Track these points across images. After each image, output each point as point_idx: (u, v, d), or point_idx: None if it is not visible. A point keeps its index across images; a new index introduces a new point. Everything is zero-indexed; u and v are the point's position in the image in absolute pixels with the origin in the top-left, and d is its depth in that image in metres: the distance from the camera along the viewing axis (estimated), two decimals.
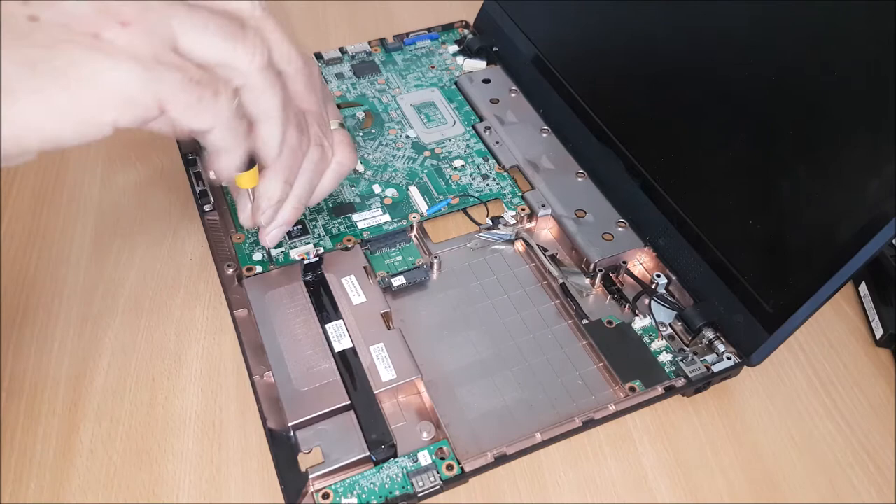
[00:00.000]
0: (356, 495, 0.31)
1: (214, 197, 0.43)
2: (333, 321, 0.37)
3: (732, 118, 0.37)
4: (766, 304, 0.35)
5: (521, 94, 0.50)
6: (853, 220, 0.32)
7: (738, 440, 0.35)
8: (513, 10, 0.52)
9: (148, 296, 0.40)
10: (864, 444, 0.35)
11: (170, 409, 0.35)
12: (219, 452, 0.34)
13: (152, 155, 0.47)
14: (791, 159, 0.35)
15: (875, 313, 0.39)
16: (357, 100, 0.50)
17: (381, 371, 0.35)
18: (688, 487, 0.33)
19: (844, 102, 0.33)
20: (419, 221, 0.42)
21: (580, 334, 0.38)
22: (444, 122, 0.49)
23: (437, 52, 0.54)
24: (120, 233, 0.43)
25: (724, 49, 0.38)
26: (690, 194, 0.39)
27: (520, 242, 0.42)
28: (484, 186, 0.45)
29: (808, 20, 0.34)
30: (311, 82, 0.33)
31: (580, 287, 0.40)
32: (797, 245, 0.34)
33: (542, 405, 0.35)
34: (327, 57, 0.53)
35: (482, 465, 0.33)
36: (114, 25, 0.25)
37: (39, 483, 0.33)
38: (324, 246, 0.41)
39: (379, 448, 0.32)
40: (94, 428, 0.35)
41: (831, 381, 0.38)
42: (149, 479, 0.33)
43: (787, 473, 0.34)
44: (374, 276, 0.40)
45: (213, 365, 0.37)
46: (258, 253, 0.40)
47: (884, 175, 0.31)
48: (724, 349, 0.36)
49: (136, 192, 0.45)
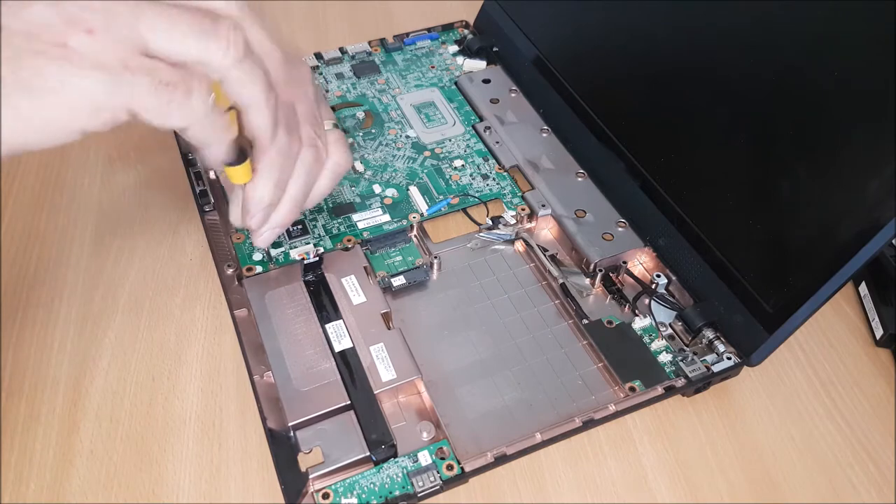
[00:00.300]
0: (356, 495, 0.31)
1: (214, 197, 0.43)
2: (333, 321, 0.37)
3: (733, 118, 0.37)
4: (766, 304, 0.35)
5: (521, 94, 0.50)
6: (853, 220, 0.32)
7: (738, 440, 0.35)
8: (513, 10, 0.52)
9: (148, 296, 0.40)
10: (864, 444, 0.35)
11: (170, 409, 0.35)
12: (219, 452, 0.34)
13: (152, 155, 0.47)
14: (791, 159, 0.35)
15: (875, 313, 0.39)
16: (357, 100, 0.50)
17: (381, 371, 0.35)
18: (688, 487, 0.33)
19: (844, 103, 0.33)
20: (419, 221, 0.42)
21: (580, 334, 0.38)
22: (444, 122, 0.49)
23: (437, 52, 0.54)
24: (120, 233, 0.43)
25: (725, 49, 0.38)
26: (690, 194, 0.39)
27: (520, 242, 0.42)
28: (484, 186, 0.45)
29: (809, 20, 0.34)
30: (297, 78, 0.33)
31: (580, 287, 0.40)
32: (797, 245, 0.34)
33: (542, 405, 0.35)
34: (327, 57, 0.53)
35: (482, 465, 0.33)
36: (79, 33, 0.25)
37: (39, 483, 0.33)
38: (324, 246, 0.41)
39: (379, 448, 0.32)
40: (94, 428, 0.35)
41: (831, 381, 0.38)
42: (149, 479, 0.33)
43: (787, 473, 0.34)
44: (374, 276, 0.40)
45: (213, 365, 0.37)
46: (258, 253, 0.40)
47: (884, 175, 0.31)
48: (724, 349, 0.36)
49: (136, 192, 0.45)
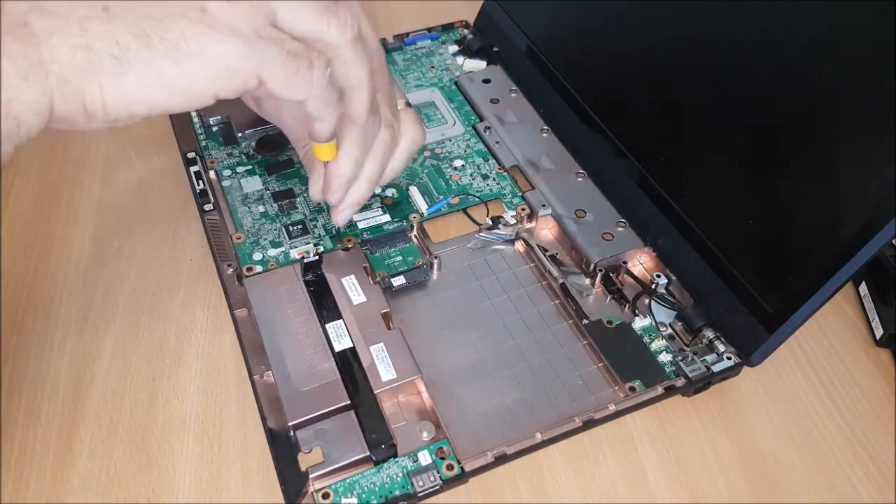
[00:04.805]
0: (356, 495, 0.31)
1: (214, 197, 0.43)
2: (333, 321, 0.37)
3: (733, 118, 0.37)
4: (766, 304, 0.35)
5: (521, 94, 0.50)
6: (853, 220, 0.32)
7: (738, 440, 0.35)
8: (513, 11, 0.52)
9: (148, 296, 0.40)
10: (864, 444, 0.35)
11: (170, 409, 0.35)
12: (219, 452, 0.34)
13: (152, 155, 0.47)
14: (791, 159, 0.35)
15: (875, 313, 0.39)
16: None
17: (381, 371, 0.35)
18: (688, 487, 0.33)
19: (844, 102, 0.33)
20: (419, 221, 0.42)
21: (580, 334, 0.38)
22: (444, 122, 0.49)
23: (437, 52, 0.54)
24: (120, 233, 0.43)
25: (725, 50, 0.38)
26: (690, 194, 0.39)
27: (520, 242, 0.42)
28: (484, 186, 0.45)
29: (809, 20, 0.34)
30: (384, 62, 0.36)
31: (580, 287, 0.40)
32: (797, 245, 0.34)
33: (542, 405, 0.35)
34: None
35: (482, 464, 0.33)
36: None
37: (39, 483, 0.33)
38: (324, 246, 0.41)
39: (379, 448, 0.32)
40: (94, 428, 0.35)
41: (831, 381, 0.38)
42: (149, 479, 0.33)
43: (787, 473, 0.34)
44: (374, 276, 0.40)
45: (213, 365, 0.37)
46: (258, 253, 0.40)
47: (884, 175, 0.31)
48: (724, 349, 0.36)
49: (136, 192, 0.45)
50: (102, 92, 0.25)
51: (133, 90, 0.25)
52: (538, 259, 0.41)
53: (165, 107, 0.26)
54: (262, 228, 0.42)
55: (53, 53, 0.24)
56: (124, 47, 0.24)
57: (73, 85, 0.24)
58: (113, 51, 0.24)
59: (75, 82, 0.24)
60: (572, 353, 0.37)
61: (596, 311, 0.39)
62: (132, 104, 0.26)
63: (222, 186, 0.44)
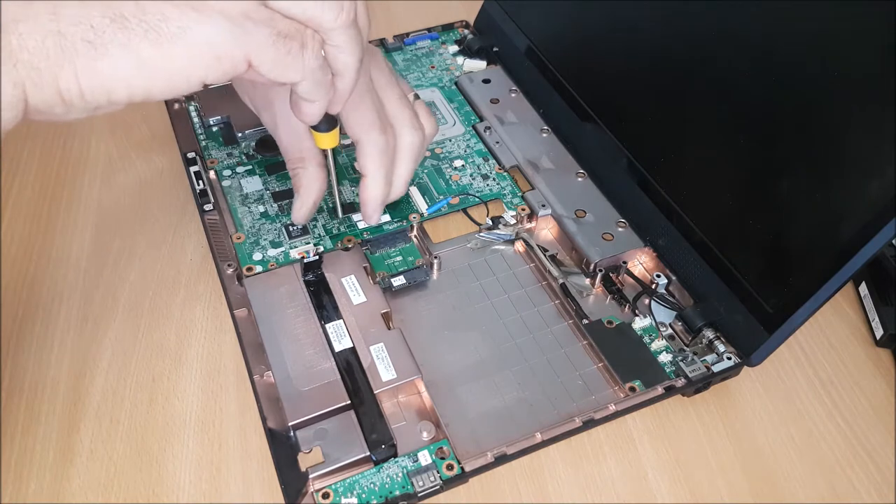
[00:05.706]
0: (356, 495, 0.31)
1: (214, 197, 0.43)
2: (333, 321, 0.37)
3: (733, 118, 0.37)
4: (766, 304, 0.35)
5: (521, 94, 0.50)
6: (853, 220, 0.32)
7: (738, 440, 0.35)
8: (513, 11, 0.52)
9: (148, 296, 0.40)
10: (864, 444, 0.35)
11: (170, 409, 0.35)
12: (219, 452, 0.34)
13: (152, 155, 0.47)
14: (791, 159, 0.35)
15: (875, 313, 0.39)
16: None
17: (381, 371, 0.35)
18: (688, 487, 0.33)
19: (844, 102, 0.33)
20: (419, 221, 0.42)
21: (580, 334, 0.38)
22: (444, 123, 0.49)
23: (437, 52, 0.54)
24: (120, 233, 0.43)
25: (725, 50, 0.38)
26: (690, 194, 0.39)
27: (520, 242, 0.42)
28: (484, 186, 0.45)
29: (809, 20, 0.34)
30: (391, 69, 0.37)
31: (580, 287, 0.40)
32: (797, 245, 0.34)
33: (542, 405, 0.35)
34: None
35: (482, 464, 0.33)
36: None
37: (39, 483, 0.33)
38: (324, 246, 0.41)
39: (379, 448, 0.32)
40: (94, 428, 0.35)
41: (831, 381, 0.38)
42: (149, 479, 0.33)
43: (787, 473, 0.34)
44: (374, 276, 0.40)
45: (213, 365, 0.37)
46: (258, 253, 0.40)
47: (884, 175, 0.31)
48: (724, 349, 0.36)
49: (136, 192, 0.45)
50: (78, 78, 0.24)
51: (110, 75, 0.24)
52: (538, 259, 0.41)
53: (147, 92, 0.25)
54: (261, 228, 0.42)
55: (22, 41, 0.23)
56: (99, 31, 0.24)
57: (44, 73, 0.23)
58: (87, 35, 0.23)
59: (47, 70, 0.23)
60: (572, 353, 0.37)
61: (596, 311, 0.39)
62: (111, 90, 0.25)
63: (222, 186, 0.44)
